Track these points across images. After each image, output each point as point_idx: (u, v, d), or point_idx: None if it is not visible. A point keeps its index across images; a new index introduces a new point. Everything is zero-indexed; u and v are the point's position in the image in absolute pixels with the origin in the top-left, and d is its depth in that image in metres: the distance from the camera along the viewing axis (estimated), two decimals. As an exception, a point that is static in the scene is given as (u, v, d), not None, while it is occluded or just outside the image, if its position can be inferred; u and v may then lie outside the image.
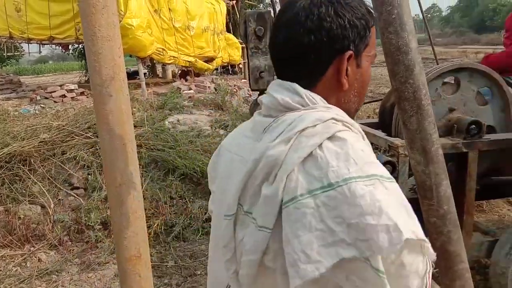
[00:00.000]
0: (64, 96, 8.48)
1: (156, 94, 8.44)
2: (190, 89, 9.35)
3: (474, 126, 2.19)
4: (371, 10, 0.82)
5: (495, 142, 2.24)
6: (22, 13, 9.37)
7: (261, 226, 0.72)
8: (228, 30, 13.34)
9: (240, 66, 14.09)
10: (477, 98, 2.45)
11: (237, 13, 14.40)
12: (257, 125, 0.84)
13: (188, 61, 10.28)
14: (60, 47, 11.40)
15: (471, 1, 53.03)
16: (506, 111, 2.47)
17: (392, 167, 2.23)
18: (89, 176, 4.28)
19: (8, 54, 12.41)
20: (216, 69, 13.07)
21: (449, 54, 22.88)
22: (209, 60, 11.49)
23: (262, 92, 2.28)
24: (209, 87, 9.51)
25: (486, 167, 2.50)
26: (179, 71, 12.34)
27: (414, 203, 0.83)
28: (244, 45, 13.59)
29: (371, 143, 4.41)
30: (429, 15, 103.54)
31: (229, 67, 14.60)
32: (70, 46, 11.86)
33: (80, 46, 11.98)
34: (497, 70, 2.53)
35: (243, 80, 11.90)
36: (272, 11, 2.17)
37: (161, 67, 13.19)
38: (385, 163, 2.26)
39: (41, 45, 10.38)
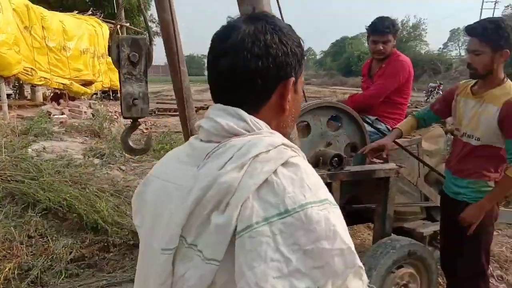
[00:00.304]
0: None
1: (21, 117, 7.53)
2: (62, 113, 8.59)
3: (336, 159, 2.40)
4: (302, 40, 0.85)
5: (353, 173, 2.48)
6: None
7: (210, 258, 0.68)
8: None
9: (123, 92, 13.47)
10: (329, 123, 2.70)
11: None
12: (197, 150, 0.81)
13: (62, 84, 9.49)
14: None
15: (340, 47, 60.46)
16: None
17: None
18: None
19: None
20: (96, 93, 12.28)
21: (321, 93, 25.44)
22: (88, 83, 10.78)
23: (135, 120, 2.17)
24: (85, 112, 8.86)
25: (348, 196, 2.75)
26: (51, 94, 11.27)
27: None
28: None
29: None
30: (305, 58, 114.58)
31: (111, 92, 13.87)
32: None
33: None
34: (356, 109, 2.85)
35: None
36: (147, 38, 2.11)
37: (29, 89, 11.88)
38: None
39: None
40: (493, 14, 36.89)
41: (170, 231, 0.74)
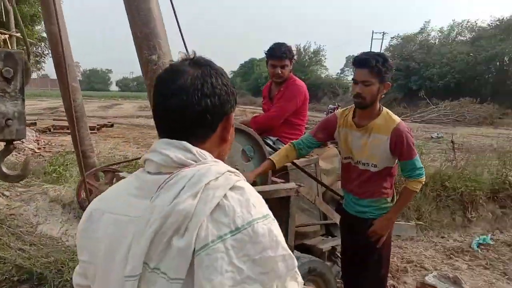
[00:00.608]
0: None
1: None
2: None
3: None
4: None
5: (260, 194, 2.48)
6: None
7: (174, 278, 0.77)
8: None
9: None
10: (242, 155, 2.70)
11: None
12: (147, 183, 0.88)
13: None
14: None
15: (249, 68, 62.39)
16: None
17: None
18: None
19: None
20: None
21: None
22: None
23: (9, 142, 1.92)
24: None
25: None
26: None
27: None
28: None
29: None
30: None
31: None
32: None
33: None
34: (259, 130, 2.89)
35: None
36: (25, 52, 1.89)
37: None
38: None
39: None
40: (382, 44, 41.24)
41: (133, 261, 0.80)
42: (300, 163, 2.93)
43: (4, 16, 2.57)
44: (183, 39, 2.38)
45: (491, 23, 32.56)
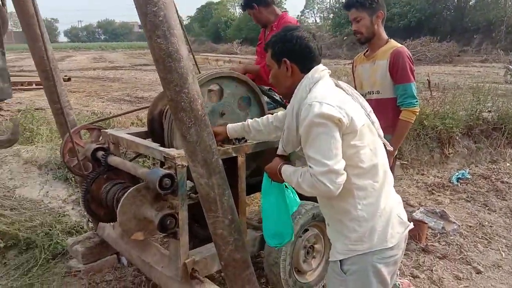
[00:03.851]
0: None
1: None
2: None
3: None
4: None
5: (256, 145, 2.39)
6: None
7: None
8: None
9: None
10: (239, 104, 2.56)
11: None
12: None
13: None
14: None
15: (206, 12, 59.32)
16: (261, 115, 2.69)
17: (171, 180, 2.06)
18: None
19: None
20: None
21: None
22: None
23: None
24: None
25: (252, 168, 2.67)
26: None
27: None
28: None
29: (144, 156, 4.01)
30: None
31: None
32: None
33: None
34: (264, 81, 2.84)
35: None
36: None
37: None
38: (163, 176, 2.05)
39: None
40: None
41: None
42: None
43: None
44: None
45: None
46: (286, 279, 2.48)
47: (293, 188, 1.71)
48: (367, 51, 2.66)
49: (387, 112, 2.47)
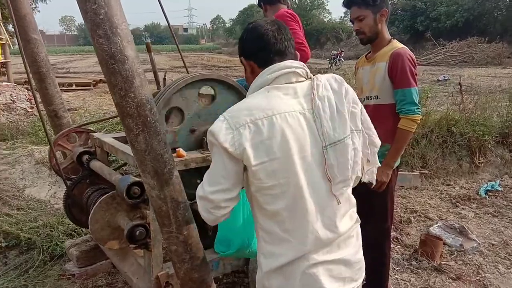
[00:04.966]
0: None
1: None
2: None
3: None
4: None
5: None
6: None
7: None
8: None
9: None
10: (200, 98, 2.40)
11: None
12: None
13: None
14: None
15: (248, 15, 59.82)
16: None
17: (141, 189, 1.98)
18: None
19: None
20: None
21: (232, 62, 25.08)
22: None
23: None
24: None
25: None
26: None
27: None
28: (5, 42, 11.36)
29: (119, 160, 3.87)
30: (215, 26, 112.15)
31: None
32: None
33: None
34: None
35: (4, 83, 9.85)
36: None
37: None
38: (132, 184, 1.97)
39: None
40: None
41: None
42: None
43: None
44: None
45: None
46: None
47: None
48: (369, 52, 2.45)
49: (387, 119, 2.27)
